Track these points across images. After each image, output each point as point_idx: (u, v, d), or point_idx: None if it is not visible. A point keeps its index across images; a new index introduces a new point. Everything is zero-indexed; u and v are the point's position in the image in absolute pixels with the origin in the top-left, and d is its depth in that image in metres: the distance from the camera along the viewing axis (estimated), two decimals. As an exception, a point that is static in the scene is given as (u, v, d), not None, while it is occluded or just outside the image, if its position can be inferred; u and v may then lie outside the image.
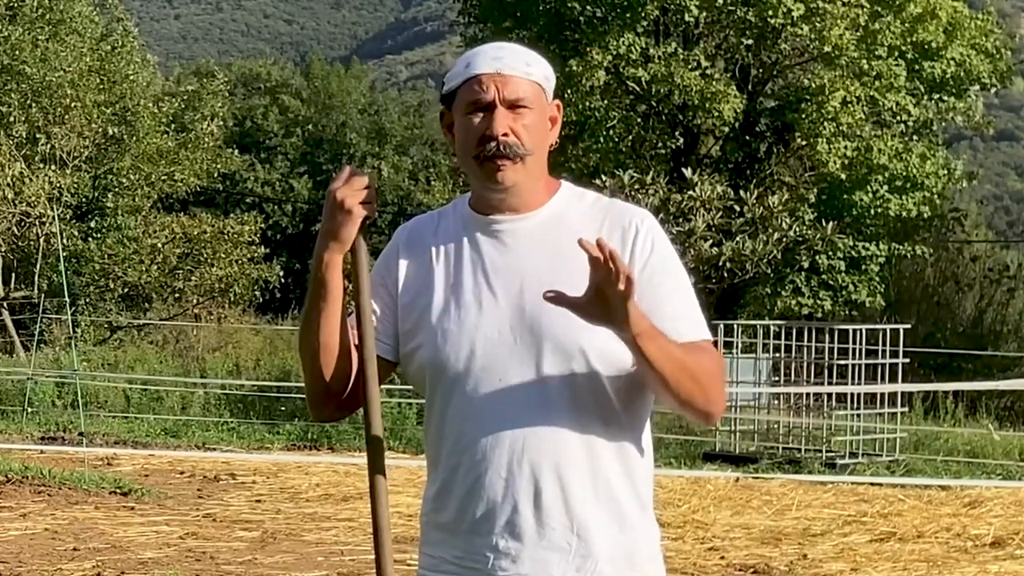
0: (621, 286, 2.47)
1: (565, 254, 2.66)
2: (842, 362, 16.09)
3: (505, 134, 2.66)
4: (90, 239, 26.63)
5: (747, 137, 24.86)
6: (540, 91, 2.72)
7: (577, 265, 2.60)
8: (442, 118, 2.79)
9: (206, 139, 29.04)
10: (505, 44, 2.77)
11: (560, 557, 2.66)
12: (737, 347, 16.94)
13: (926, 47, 24.26)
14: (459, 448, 2.69)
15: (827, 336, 16.32)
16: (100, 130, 26.06)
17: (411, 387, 2.89)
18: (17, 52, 25.50)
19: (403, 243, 2.82)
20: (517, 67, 2.70)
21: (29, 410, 17.80)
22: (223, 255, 27.98)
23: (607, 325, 2.54)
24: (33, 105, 25.70)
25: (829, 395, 16.58)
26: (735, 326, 17.09)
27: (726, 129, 24.22)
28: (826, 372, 16.44)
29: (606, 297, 2.50)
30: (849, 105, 23.18)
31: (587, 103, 23.54)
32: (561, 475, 2.64)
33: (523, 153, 2.68)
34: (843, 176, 23.50)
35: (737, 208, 17.65)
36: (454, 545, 2.72)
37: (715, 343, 2.76)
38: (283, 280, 31.38)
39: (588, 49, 23.17)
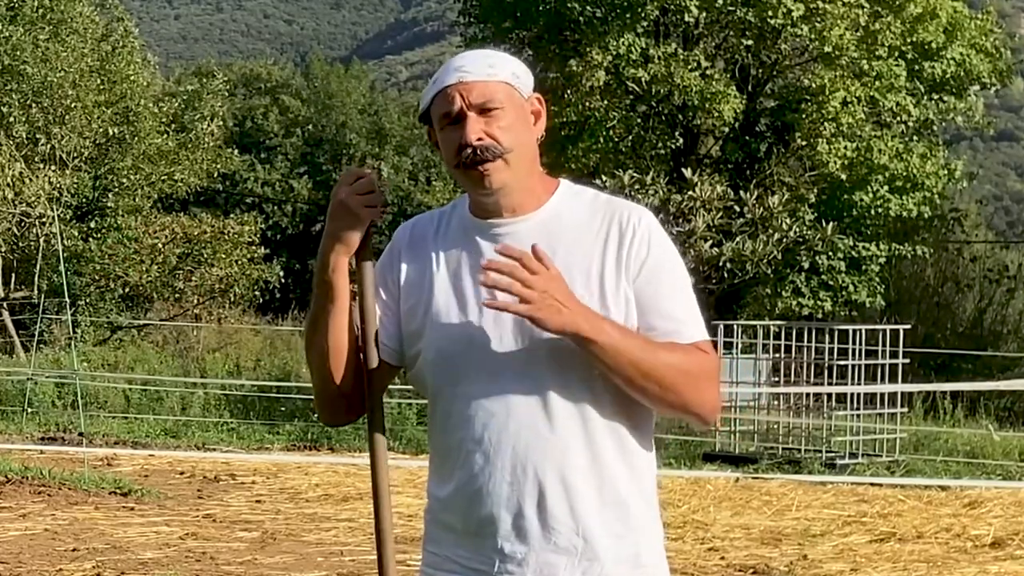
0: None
1: (564, 256, 2.67)
2: (842, 362, 16.10)
3: (480, 139, 2.66)
4: (90, 239, 26.62)
5: (747, 137, 24.85)
6: (510, 89, 2.71)
7: (576, 266, 2.65)
8: (429, 137, 2.80)
9: (206, 139, 29.03)
10: (468, 52, 2.77)
11: (567, 560, 2.66)
12: (737, 347, 16.95)
13: (926, 47, 24.25)
14: (463, 452, 2.69)
15: (827, 336, 16.33)
16: (100, 130, 26.06)
17: (411, 387, 2.90)
18: (18, 52, 25.48)
19: (405, 245, 2.82)
20: (479, 71, 2.69)
21: (29, 410, 17.79)
22: (223, 255, 27.99)
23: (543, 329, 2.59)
24: (33, 105, 25.70)
25: (829, 395, 16.58)
26: (735, 326, 17.09)
27: (726, 129, 24.20)
28: (826, 372, 16.44)
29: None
30: (849, 105, 23.17)
31: (587, 103, 23.52)
32: (565, 478, 2.65)
33: (501, 152, 2.67)
34: (843, 176, 23.49)
35: (737, 208, 17.64)
36: (460, 545, 2.73)
37: (714, 344, 2.77)
38: (283, 280, 31.38)
39: (588, 49, 23.15)
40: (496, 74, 2.70)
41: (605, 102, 23.78)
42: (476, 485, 2.67)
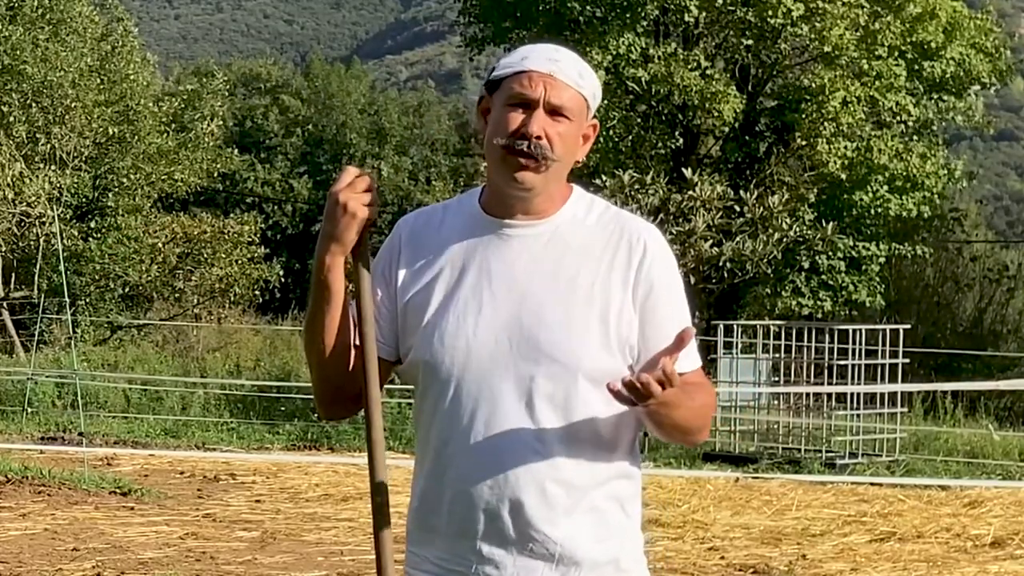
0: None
1: (569, 267, 2.67)
2: (842, 362, 16.09)
3: (539, 136, 2.66)
4: (90, 239, 26.62)
5: (747, 137, 24.86)
6: (584, 105, 2.73)
7: (582, 277, 2.67)
8: (480, 102, 2.78)
9: (206, 139, 29.01)
10: (562, 48, 2.77)
11: (545, 565, 2.66)
12: (737, 347, 16.94)
13: (926, 47, 24.27)
14: (447, 451, 2.69)
15: (827, 336, 16.33)
16: (100, 130, 26.05)
17: (412, 387, 2.89)
18: (17, 52, 25.47)
19: (405, 239, 2.81)
20: (570, 75, 2.70)
21: (29, 410, 17.79)
22: (223, 255, 27.99)
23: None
24: (33, 105, 25.68)
25: (829, 395, 16.58)
26: (735, 326, 17.09)
27: (726, 129, 24.22)
28: (826, 372, 16.44)
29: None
30: (849, 105, 23.19)
31: (587, 103, 23.53)
32: (546, 485, 2.64)
33: (551, 158, 2.67)
34: (843, 176, 23.50)
35: (737, 208, 17.65)
36: (438, 546, 2.73)
37: (714, 344, 2.81)
38: (283, 280, 31.37)
39: (588, 49, 23.15)
40: (583, 86, 2.72)
41: (605, 102, 23.77)
42: (458, 486, 2.67)
